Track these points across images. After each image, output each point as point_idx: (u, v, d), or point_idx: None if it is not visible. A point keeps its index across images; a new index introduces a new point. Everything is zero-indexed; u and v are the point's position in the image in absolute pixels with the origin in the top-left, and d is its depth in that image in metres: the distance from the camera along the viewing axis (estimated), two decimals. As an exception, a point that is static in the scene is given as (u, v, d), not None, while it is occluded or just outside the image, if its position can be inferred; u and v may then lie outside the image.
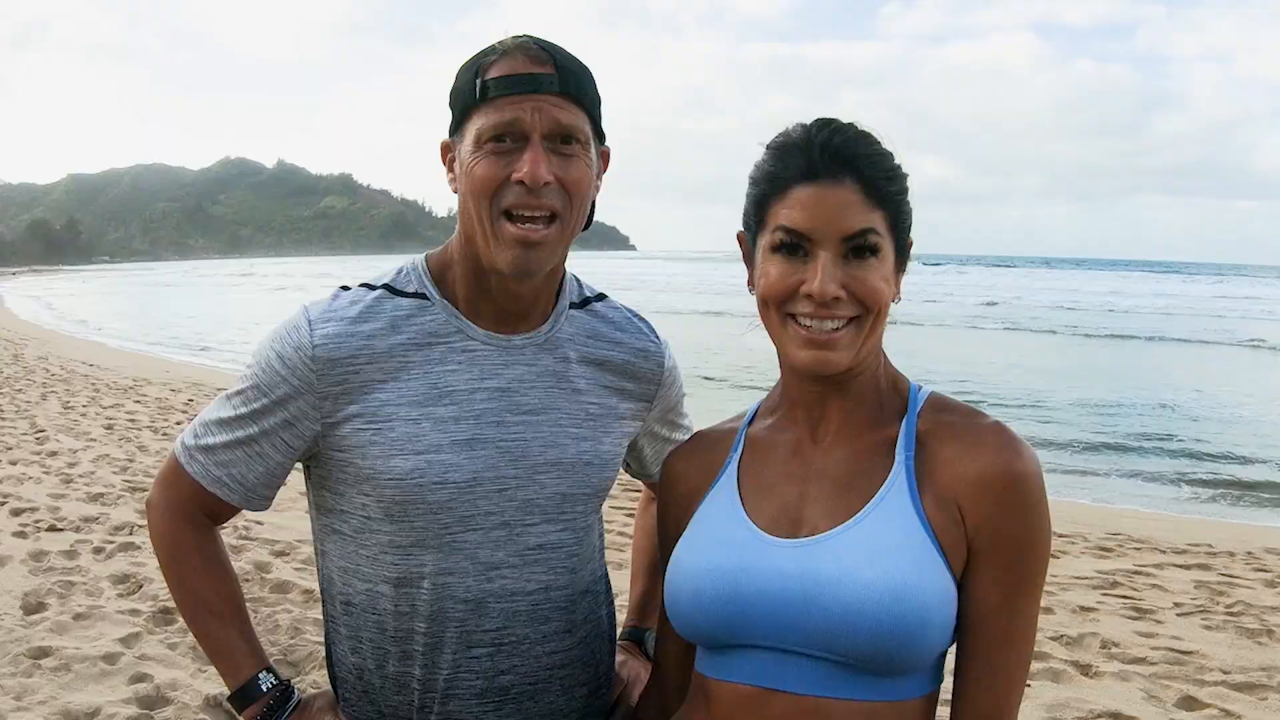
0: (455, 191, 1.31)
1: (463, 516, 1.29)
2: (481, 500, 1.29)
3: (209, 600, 1.39)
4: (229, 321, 27.26)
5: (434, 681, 1.32)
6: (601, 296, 1.46)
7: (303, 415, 1.30)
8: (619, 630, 1.57)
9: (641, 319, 1.49)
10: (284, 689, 1.37)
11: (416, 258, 1.38)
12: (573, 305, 1.41)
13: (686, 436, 1.56)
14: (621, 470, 1.51)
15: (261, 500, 1.39)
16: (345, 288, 1.36)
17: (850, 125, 1.15)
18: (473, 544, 1.30)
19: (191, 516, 1.38)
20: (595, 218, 1.39)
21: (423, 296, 1.33)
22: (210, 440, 1.35)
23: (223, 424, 1.34)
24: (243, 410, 1.32)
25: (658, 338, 1.48)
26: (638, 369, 1.44)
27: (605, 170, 1.36)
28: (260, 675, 1.36)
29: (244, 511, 1.41)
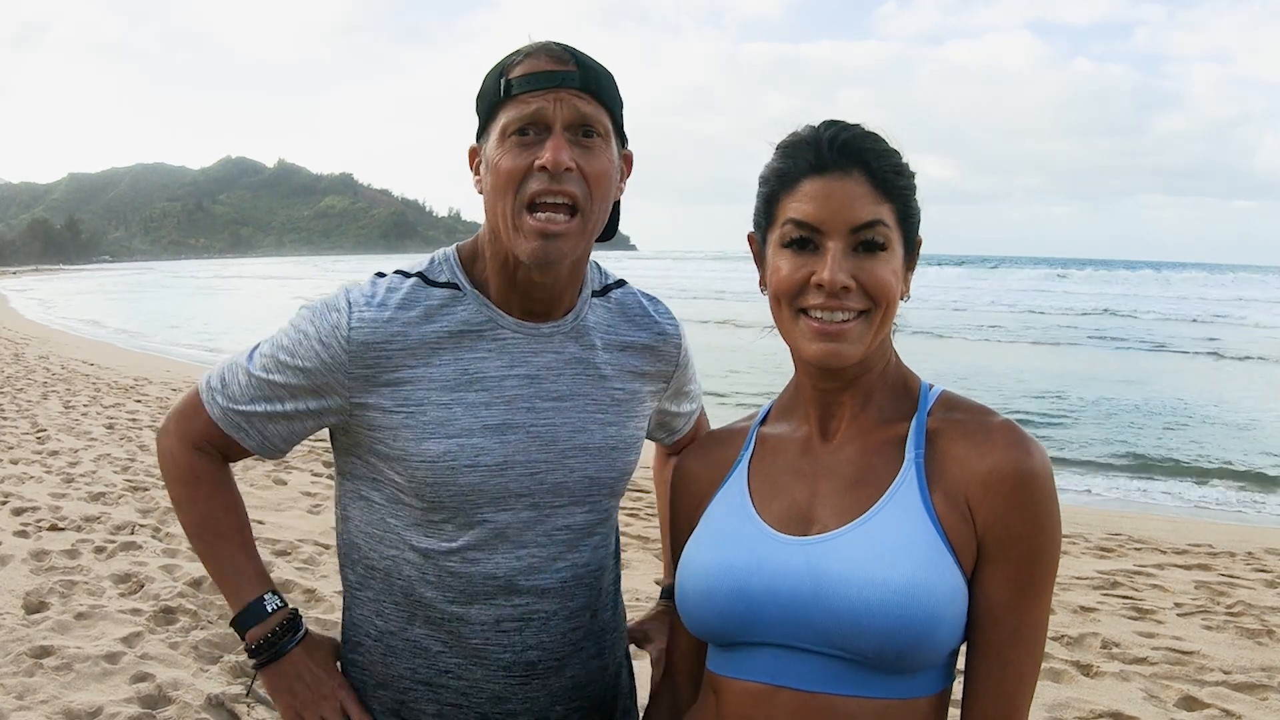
0: (480, 192, 1.34)
1: (494, 498, 1.33)
2: (512, 483, 1.33)
3: (217, 522, 1.42)
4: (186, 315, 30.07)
5: (463, 649, 1.37)
6: (621, 283, 1.50)
7: (330, 393, 1.33)
8: (660, 588, 1.65)
9: (658, 303, 1.53)
10: (291, 616, 1.41)
11: (447, 249, 1.42)
12: (594, 293, 1.45)
13: (694, 406, 1.62)
14: None
15: (276, 451, 1.42)
16: (381, 274, 1.39)
17: (857, 125, 1.16)
18: (502, 523, 1.34)
19: (204, 448, 1.42)
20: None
21: (455, 287, 1.37)
22: (235, 391, 1.38)
23: (252, 380, 1.37)
24: (273, 377, 1.36)
25: (674, 320, 1.52)
26: (657, 352, 1.48)
27: (629, 174, 1.39)
28: (266, 596, 1.40)
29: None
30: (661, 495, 1.73)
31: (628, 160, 1.38)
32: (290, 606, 1.41)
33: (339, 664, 1.47)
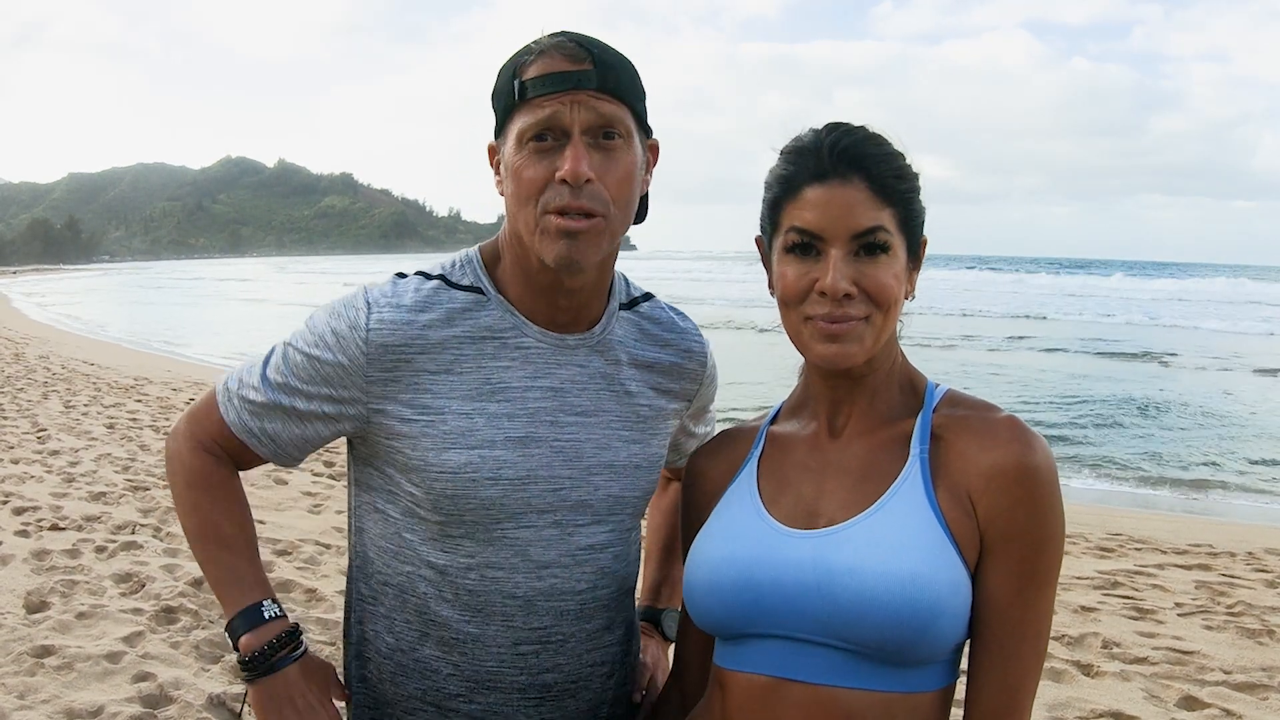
0: (501, 194, 1.29)
1: (514, 513, 1.29)
2: (534, 499, 1.30)
3: (220, 528, 1.35)
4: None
5: (476, 672, 1.32)
6: (648, 296, 1.46)
7: (348, 395, 1.28)
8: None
9: (686, 318, 1.49)
10: (291, 630, 1.31)
11: (470, 250, 1.37)
12: (621, 306, 1.41)
13: (709, 430, 1.59)
14: None
15: (290, 459, 1.38)
16: (402, 274, 1.34)
17: (861, 128, 1.17)
18: (524, 541, 1.30)
19: (215, 452, 1.36)
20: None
21: (478, 290, 1.32)
22: (251, 394, 1.33)
23: (267, 383, 1.32)
24: (290, 379, 1.30)
25: (701, 337, 1.48)
26: (683, 370, 1.44)
27: (655, 163, 1.34)
28: (264, 603, 1.31)
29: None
30: (653, 518, 1.72)
31: (654, 149, 1.33)
32: (291, 621, 1.32)
33: (345, 679, 1.41)
